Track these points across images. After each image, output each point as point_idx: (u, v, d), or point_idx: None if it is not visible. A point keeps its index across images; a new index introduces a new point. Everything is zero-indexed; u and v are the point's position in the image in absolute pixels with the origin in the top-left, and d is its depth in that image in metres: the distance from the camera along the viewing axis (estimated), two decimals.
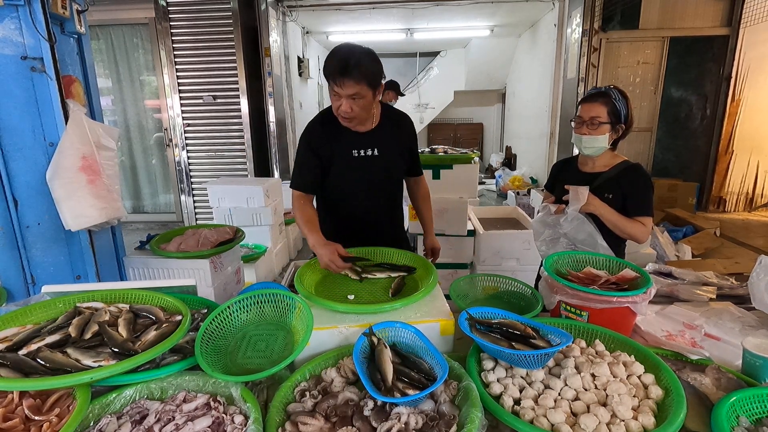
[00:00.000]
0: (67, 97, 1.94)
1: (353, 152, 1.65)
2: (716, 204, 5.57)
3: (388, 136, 1.69)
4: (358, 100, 1.48)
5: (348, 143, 1.65)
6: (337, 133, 1.64)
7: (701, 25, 5.20)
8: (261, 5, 5.20)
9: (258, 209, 3.80)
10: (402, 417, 0.85)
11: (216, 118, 5.25)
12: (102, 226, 2.07)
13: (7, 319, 1.07)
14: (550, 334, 1.03)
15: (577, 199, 1.57)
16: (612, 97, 1.61)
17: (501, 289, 1.52)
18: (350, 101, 1.47)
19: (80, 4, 2.03)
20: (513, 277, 1.51)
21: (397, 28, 7.30)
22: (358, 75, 1.42)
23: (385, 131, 1.69)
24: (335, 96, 1.49)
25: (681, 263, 3.19)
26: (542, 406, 0.87)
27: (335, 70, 1.43)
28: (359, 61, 1.42)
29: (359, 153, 1.66)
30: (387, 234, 1.82)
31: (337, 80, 1.43)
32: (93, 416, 0.89)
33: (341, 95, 1.47)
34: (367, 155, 1.67)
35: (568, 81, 5.55)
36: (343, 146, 1.65)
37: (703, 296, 1.57)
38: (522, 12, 6.41)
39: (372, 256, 1.58)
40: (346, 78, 1.42)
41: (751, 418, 0.88)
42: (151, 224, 5.80)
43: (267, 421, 0.87)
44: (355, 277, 1.44)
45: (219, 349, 1.09)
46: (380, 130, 1.68)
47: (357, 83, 1.43)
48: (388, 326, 1.10)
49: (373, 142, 1.66)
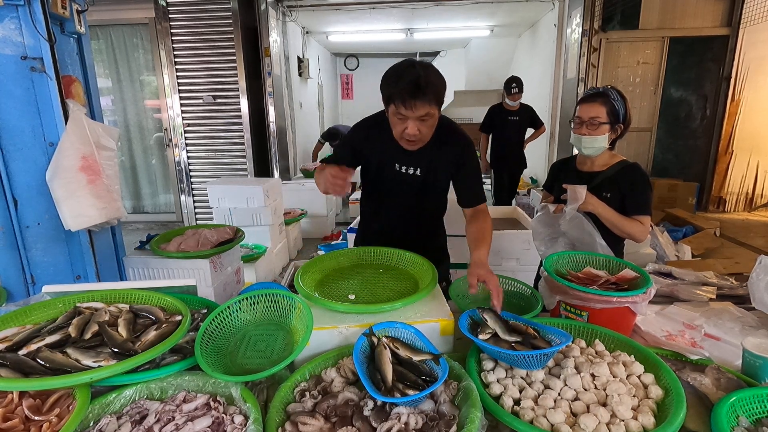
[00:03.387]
0: (67, 97, 1.94)
1: (395, 165, 1.59)
2: (716, 204, 5.57)
3: (436, 157, 1.57)
4: (426, 121, 1.38)
5: (393, 156, 1.57)
6: (385, 141, 1.55)
7: (701, 25, 5.20)
8: (261, 5, 5.20)
9: (258, 209, 3.80)
10: (402, 417, 0.85)
11: (216, 118, 5.25)
12: (102, 226, 2.07)
13: (7, 319, 1.07)
14: (550, 335, 1.03)
15: (575, 198, 1.57)
16: (611, 97, 1.62)
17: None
18: (418, 123, 1.38)
19: (80, 4, 2.03)
20: (513, 277, 1.51)
21: (397, 28, 7.29)
22: (430, 96, 1.33)
23: (433, 151, 1.56)
24: (400, 118, 1.38)
25: (681, 263, 3.18)
26: (542, 407, 0.87)
27: (405, 92, 1.32)
28: (429, 80, 1.32)
29: (401, 168, 1.59)
30: (423, 247, 1.63)
31: (407, 102, 1.33)
32: (93, 416, 0.89)
33: (408, 117, 1.36)
34: (409, 173, 1.59)
35: (567, 81, 5.55)
36: (388, 156, 1.58)
37: (703, 296, 1.57)
38: (522, 12, 6.41)
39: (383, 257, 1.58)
40: (418, 100, 1.32)
41: (750, 418, 0.88)
42: (151, 224, 5.80)
43: (267, 421, 0.87)
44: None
45: (219, 349, 1.09)
46: (428, 150, 1.55)
47: (429, 104, 1.34)
48: (388, 326, 1.10)
49: (416, 160, 1.57)
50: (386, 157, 1.58)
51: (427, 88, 1.31)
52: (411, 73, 1.32)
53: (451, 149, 1.58)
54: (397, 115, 1.39)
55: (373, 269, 1.52)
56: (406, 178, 1.60)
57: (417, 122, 1.38)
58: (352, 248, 1.64)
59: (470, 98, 10.52)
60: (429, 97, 1.33)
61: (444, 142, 1.56)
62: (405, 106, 1.34)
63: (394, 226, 1.72)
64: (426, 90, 1.31)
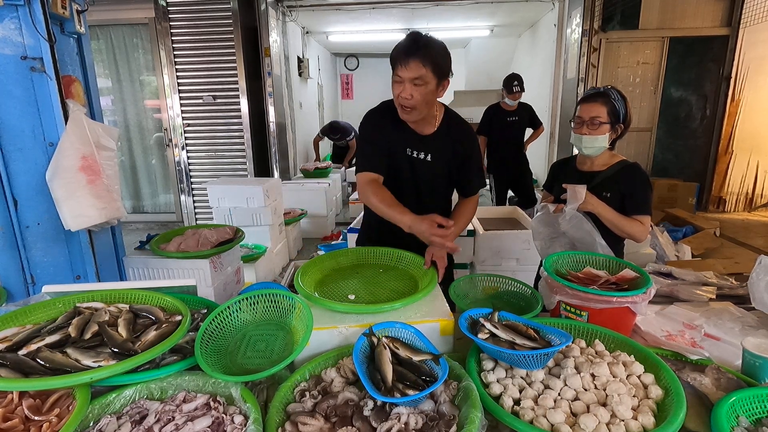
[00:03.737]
0: (66, 97, 1.94)
1: (407, 150, 1.60)
2: (716, 204, 5.57)
3: (445, 144, 1.61)
4: (420, 86, 1.41)
5: (404, 140, 1.59)
6: (396, 126, 1.58)
7: (701, 25, 5.20)
8: (261, 5, 5.20)
9: (258, 209, 3.80)
10: (402, 417, 0.85)
11: (216, 118, 5.25)
12: (102, 226, 2.07)
13: (6, 319, 1.07)
14: (549, 335, 1.03)
15: (575, 198, 1.57)
16: (611, 97, 1.62)
17: (501, 289, 1.52)
18: (412, 87, 1.41)
19: (80, 4, 2.03)
20: (513, 277, 1.51)
21: (397, 28, 7.29)
22: (425, 57, 1.37)
23: (442, 138, 1.61)
24: (398, 81, 1.44)
25: (681, 263, 3.18)
26: (542, 407, 0.87)
27: (402, 50, 1.39)
28: (428, 43, 1.38)
29: (412, 153, 1.60)
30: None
31: (402, 60, 1.39)
32: (93, 416, 0.89)
33: (404, 79, 1.41)
34: (420, 158, 1.60)
35: (568, 81, 5.55)
36: (399, 141, 1.59)
37: (703, 296, 1.57)
38: (522, 12, 6.41)
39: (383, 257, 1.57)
40: (412, 58, 1.37)
41: (750, 418, 0.88)
42: (151, 224, 5.80)
43: (267, 421, 0.87)
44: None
45: (219, 349, 1.09)
46: (438, 136, 1.60)
47: (422, 65, 1.38)
48: (388, 326, 1.10)
49: (427, 146, 1.60)
50: (398, 143, 1.60)
51: (422, 47, 1.37)
52: (412, 35, 1.42)
53: (459, 138, 1.62)
54: (395, 77, 1.45)
55: (373, 269, 1.51)
56: (417, 164, 1.62)
57: (410, 85, 1.41)
58: (352, 248, 1.64)
59: (470, 98, 10.52)
60: (423, 56, 1.37)
61: (452, 130, 1.62)
62: (400, 64, 1.40)
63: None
64: (420, 48, 1.37)
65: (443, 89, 1.49)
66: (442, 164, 1.63)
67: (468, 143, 1.65)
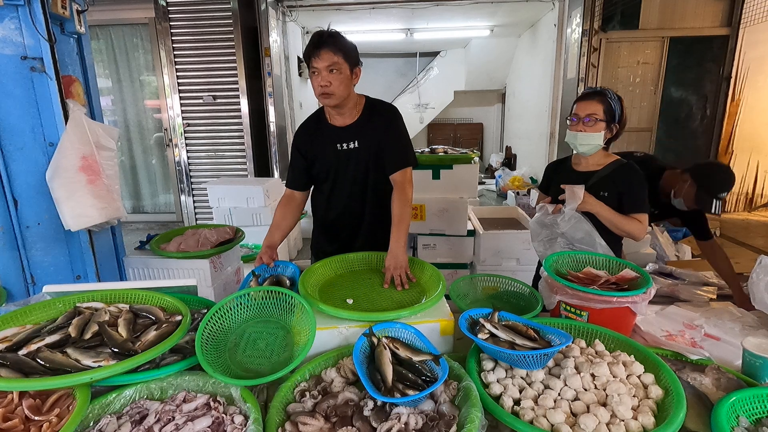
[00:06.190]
0: (67, 97, 1.94)
1: (337, 146, 1.70)
2: None
3: (369, 128, 1.70)
4: (335, 73, 1.53)
5: (330, 138, 1.70)
6: (319, 130, 1.72)
7: (701, 25, 5.19)
8: (261, 5, 5.20)
9: (258, 209, 3.80)
10: (402, 417, 0.85)
11: (216, 118, 5.24)
12: (102, 226, 2.07)
13: (7, 319, 1.07)
14: (549, 335, 1.03)
15: (573, 198, 1.57)
16: (608, 96, 1.63)
17: (501, 289, 1.52)
18: (328, 74, 1.52)
19: (80, 4, 2.03)
20: (513, 277, 1.51)
21: (397, 28, 7.29)
22: (334, 45, 1.51)
23: (365, 123, 1.71)
24: (315, 73, 1.55)
25: (681, 263, 3.18)
26: (542, 407, 0.87)
27: (313, 45, 1.52)
28: (334, 35, 1.53)
29: (342, 146, 1.70)
30: (377, 231, 1.73)
31: (314, 53, 1.51)
32: (93, 416, 0.89)
33: (320, 69, 1.52)
34: (349, 148, 1.70)
35: (568, 81, 5.54)
36: (325, 141, 1.71)
37: (703, 296, 1.57)
38: (522, 12, 6.40)
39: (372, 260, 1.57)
40: (323, 49, 1.50)
41: (750, 418, 0.88)
42: (151, 224, 5.80)
43: (267, 421, 0.87)
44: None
45: (219, 346, 1.09)
46: (361, 123, 1.70)
47: (333, 54, 1.51)
48: (388, 326, 1.10)
49: (353, 134, 1.69)
50: (327, 142, 1.71)
51: (330, 38, 1.52)
52: (317, 32, 1.55)
53: (379, 116, 1.72)
54: (311, 71, 1.56)
55: (379, 275, 1.48)
56: (349, 154, 1.71)
57: (326, 73, 1.53)
58: (354, 254, 1.61)
59: (470, 98, 10.53)
60: (331, 45, 1.51)
61: (372, 112, 1.73)
62: (313, 57, 1.52)
63: (349, 207, 1.79)
64: (328, 40, 1.51)
65: (356, 77, 1.62)
66: (369, 146, 1.70)
67: (389, 117, 1.73)
